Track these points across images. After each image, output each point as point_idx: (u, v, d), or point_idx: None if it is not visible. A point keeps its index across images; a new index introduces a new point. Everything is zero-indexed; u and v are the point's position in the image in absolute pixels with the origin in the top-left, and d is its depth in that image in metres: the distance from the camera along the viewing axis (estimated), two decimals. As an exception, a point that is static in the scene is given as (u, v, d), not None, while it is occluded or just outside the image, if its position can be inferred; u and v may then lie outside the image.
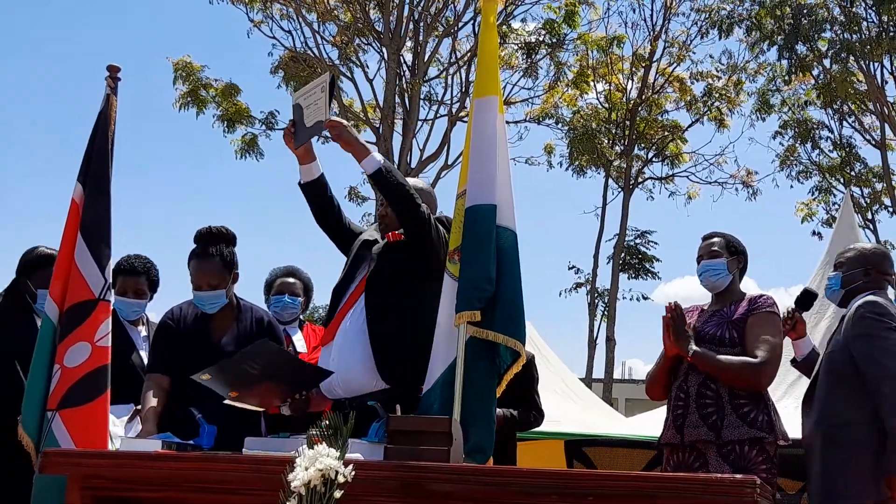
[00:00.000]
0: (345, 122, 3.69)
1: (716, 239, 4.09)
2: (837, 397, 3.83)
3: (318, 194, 3.88)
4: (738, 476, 2.54)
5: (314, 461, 2.46)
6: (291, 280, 4.82)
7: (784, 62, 20.85)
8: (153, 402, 3.73)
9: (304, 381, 3.50)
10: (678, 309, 3.93)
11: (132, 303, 4.40)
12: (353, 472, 2.48)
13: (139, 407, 3.97)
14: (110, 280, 3.77)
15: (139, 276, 4.42)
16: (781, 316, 4.11)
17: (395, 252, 3.72)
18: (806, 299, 4.36)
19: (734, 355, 3.85)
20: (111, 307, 3.76)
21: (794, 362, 4.41)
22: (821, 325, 8.53)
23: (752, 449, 3.77)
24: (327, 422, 2.61)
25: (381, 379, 3.60)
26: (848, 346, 3.85)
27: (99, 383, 3.63)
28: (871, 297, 3.93)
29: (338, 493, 2.45)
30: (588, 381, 19.90)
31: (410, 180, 3.84)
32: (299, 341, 4.69)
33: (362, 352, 3.62)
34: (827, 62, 20.36)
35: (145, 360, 4.33)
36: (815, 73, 21.00)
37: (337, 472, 2.45)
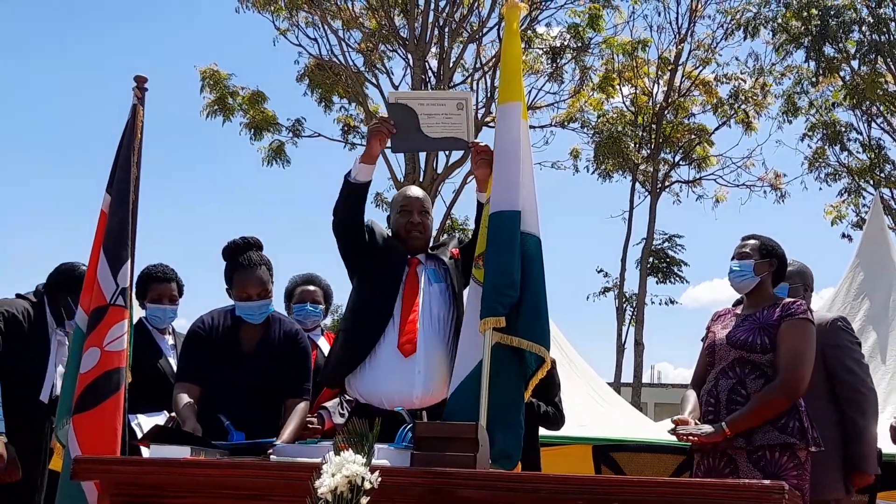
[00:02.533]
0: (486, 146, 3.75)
1: (750, 241, 4.07)
2: (812, 399, 3.95)
3: (361, 197, 3.87)
4: (767, 482, 2.52)
5: (341, 467, 2.46)
6: (312, 288, 4.84)
7: (811, 64, 20.70)
8: (188, 400, 3.74)
9: None
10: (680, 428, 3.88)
11: (168, 309, 4.51)
12: (380, 479, 2.48)
13: (174, 414, 4.00)
14: (125, 285, 3.76)
15: (170, 283, 4.53)
16: None
17: (456, 268, 3.88)
18: None
19: (765, 362, 3.82)
20: (126, 312, 3.75)
21: None
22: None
23: (782, 455, 3.74)
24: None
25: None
26: (822, 353, 4.14)
27: (106, 388, 3.60)
28: (838, 315, 4.61)
29: (364, 500, 2.45)
30: (617, 385, 19.83)
31: (418, 188, 4.06)
32: (325, 348, 4.71)
33: (444, 364, 3.74)
34: (855, 63, 20.19)
35: (174, 367, 4.38)
36: (842, 74, 20.82)
37: (363, 479, 2.46)
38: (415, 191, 4.06)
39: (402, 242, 3.96)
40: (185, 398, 3.74)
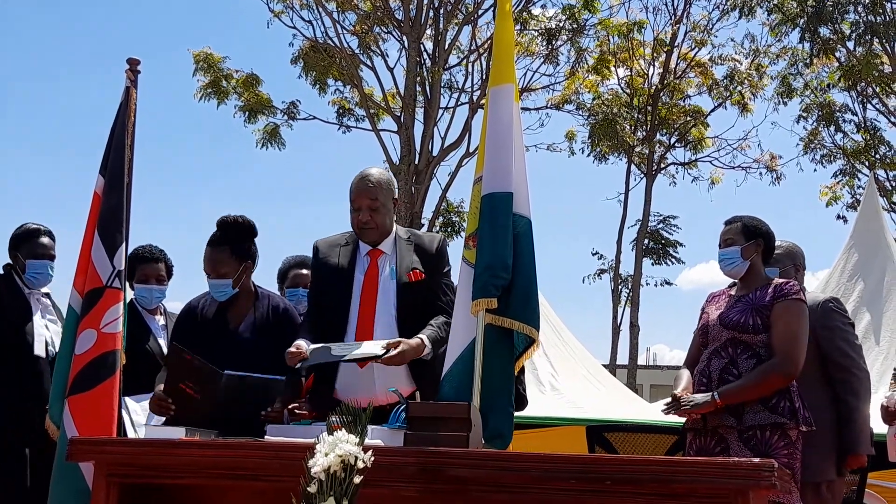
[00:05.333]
0: (400, 348, 3.55)
1: (732, 225, 4.06)
2: (805, 381, 3.96)
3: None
4: (756, 460, 2.54)
5: (334, 447, 2.48)
6: (305, 272, 4.83)
7: (806, 45, 20.68)
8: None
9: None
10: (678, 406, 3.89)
11: (155, 289, 4.51)
12: (373, 458, 2.50)
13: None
14: (121, 268, 3.77)
15: (158, 263, 4.54)
16: None
17: (416, 287, 3.76)
18: None
19: (758, 342, 3.85)
20: (121, 294, 3.77)
21: None
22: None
23: (773, 434, 3.76)
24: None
25: (413, 384, 3.69)
26: (815, 335, 4.11)
27: (102, 370, 3.62)
28: (830, 296, 4.57)
29: (357, 479, 2.47)
30: (612, 367, 19.89)
31: (374, 170, 3.84)
32: None
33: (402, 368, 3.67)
34: (851, 44, 20.17)
35: (164, 349, 4.40)
36: (838, 55, 20.80)
37: (356, 458, 2.47)
38: (362, 181, 3.80)
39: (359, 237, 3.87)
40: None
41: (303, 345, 3.58)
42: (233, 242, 3.88)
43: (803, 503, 3.84)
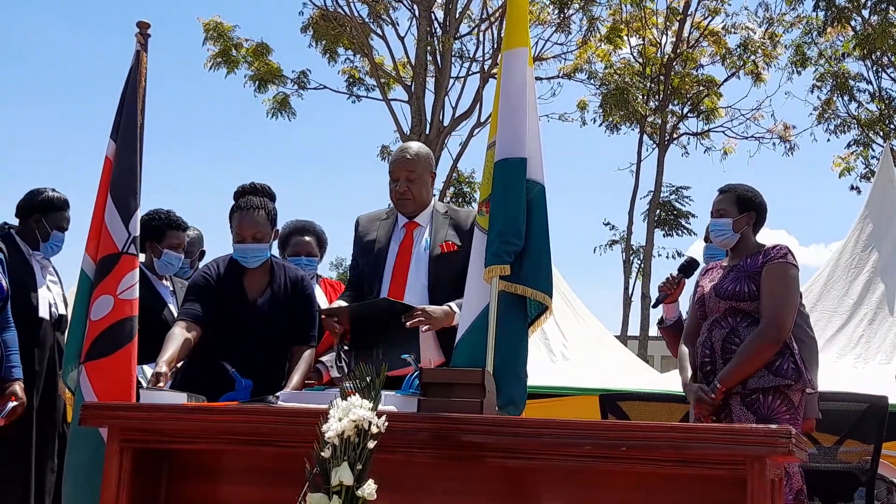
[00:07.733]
0: (424, 316, 3.62)
1: (726, 195, 4.06)
2: None
3: None
4: (773, 426, 2.52)
5: (348, 412, 2.47)
6: (307, 238, 4.78)
7: (820, 13, 20.47)
8: (178, 341, 3.66)
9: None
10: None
11: (181, 257, 4.52)
12: (387, 424, 2.49)
13: (179, 365, 4.00)
14: (136, 234, 3.73)
15: (185, 232, 4.54)
16: (671, 278, 4.65)
17: (450, 258, 3.80)
18: (689, 267, 4.71)
19: (755, 309, 3.84)
20: (137, 260, 3.74)
21: (660, 324, 4.84)
22: (859, 278, 8.44)
23: (775, 398, 3.77)
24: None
25: (442, 355, 3.71)
26: None
27: (120, 336, 3.60)
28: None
29: (371, 444, 2.46)
30: (623, 338, 19.89)
31: (414, 144, 4.02)
32: (320, 296, 4.69)
33: (431, 337, 3.70)
34: (866, 13, 19.96)
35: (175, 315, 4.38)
36: (853, 23, 20.58)
37: (370, 423, 2.46)
38: (401, 153, 3.94)
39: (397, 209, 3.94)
40: (176, 339, 3.66)
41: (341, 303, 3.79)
42: (265, 206, 3.87)
43: None
